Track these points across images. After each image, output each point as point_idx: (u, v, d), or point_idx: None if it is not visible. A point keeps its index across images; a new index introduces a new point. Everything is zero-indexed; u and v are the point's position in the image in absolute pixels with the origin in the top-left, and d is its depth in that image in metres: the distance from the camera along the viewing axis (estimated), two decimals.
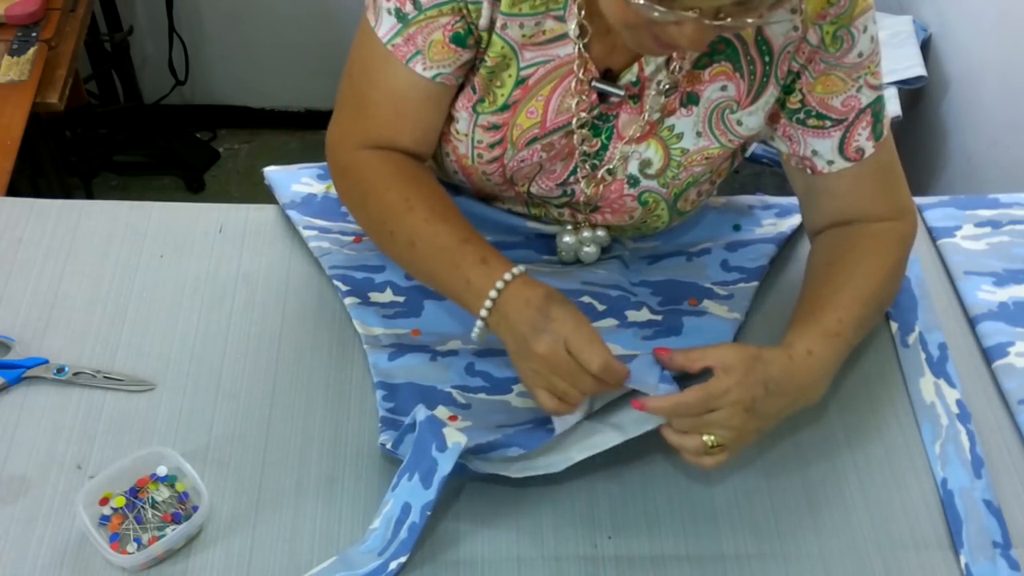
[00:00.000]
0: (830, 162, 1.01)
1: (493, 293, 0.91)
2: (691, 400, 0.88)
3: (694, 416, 0.88)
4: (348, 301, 1.08)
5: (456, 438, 0.88)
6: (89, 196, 2.37)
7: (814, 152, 1.01)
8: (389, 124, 1.01)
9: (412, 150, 1.03)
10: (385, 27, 0.96)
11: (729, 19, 0.77)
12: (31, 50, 1.66)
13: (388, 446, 0.94)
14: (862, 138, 0.99)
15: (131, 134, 2.56)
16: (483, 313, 0.92)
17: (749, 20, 0.78)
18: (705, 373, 0.89)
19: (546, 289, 0.91)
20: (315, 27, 2.52)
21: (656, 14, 0.77)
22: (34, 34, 1.69)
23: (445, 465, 0.88)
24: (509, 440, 0.93)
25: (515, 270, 0.92)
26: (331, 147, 1.06)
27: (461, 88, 1.00)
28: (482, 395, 1.01)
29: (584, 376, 0.87)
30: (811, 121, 0.99)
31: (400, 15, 0.94)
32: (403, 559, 0.87)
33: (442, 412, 0.98)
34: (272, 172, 1.20)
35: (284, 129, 2.74)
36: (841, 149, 1.00)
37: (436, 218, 0.98)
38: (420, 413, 0.91)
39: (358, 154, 1.02)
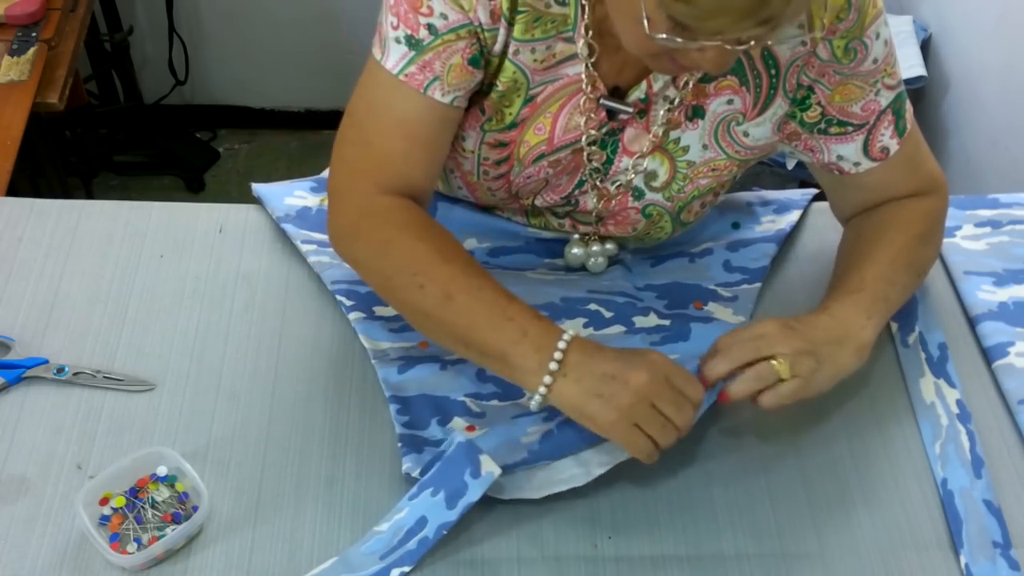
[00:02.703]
0: (856, 164, 1.02)
1: (562, 344, 0.87)
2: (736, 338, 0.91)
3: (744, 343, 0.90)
4: (353, 316, 1.05)
5: (490, 467, 0.88)
6: (89, 196, 2.37)
7: (839, 157, 1.01)
8: (403, 156, 0.96)
9: (423, 186, 0.98)
10: (395, 57, 0.92)
11: (752, 42, 0.77)
12: (31, 50, 1.66)
13: (414, 475, 0.91)
14: (885, 137, 1.00)
15: (131, 134, 2.56)
16: (552, 366, 0.87)
17: (769, 42, 0.80)
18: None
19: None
20: (315, 27, 2.52)
21: (680, 40, 0.77)
22: (34, 34, 1.69)
23: (475, 492, 0.87)
24: (536, 455, 0.92)
25: (571, 331, 0.89)
26: (338, 192, 0.98)
27: (469, 108, 0.99)
28: (495, 402, 1.00)
29: (688, 406, 0.88)
30: (833, 129, 0.99)
31: (412, 42, 0.91)
32: (406, 569, 0.87)
33: (459, 423, 0.97)
34: (261, 187, 1.17)
35: (284, 129, 2.74)
36: (866, 151, 1.00)
37: (476, 272, 0.92)
38: (457, 436, 0.90)
39: (376, 199, 0.95)
